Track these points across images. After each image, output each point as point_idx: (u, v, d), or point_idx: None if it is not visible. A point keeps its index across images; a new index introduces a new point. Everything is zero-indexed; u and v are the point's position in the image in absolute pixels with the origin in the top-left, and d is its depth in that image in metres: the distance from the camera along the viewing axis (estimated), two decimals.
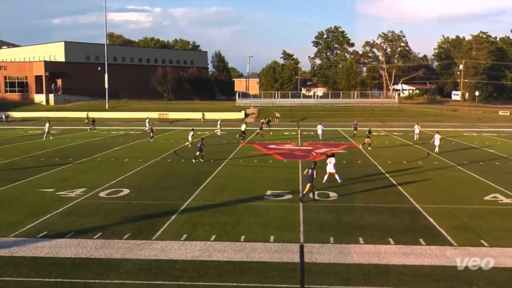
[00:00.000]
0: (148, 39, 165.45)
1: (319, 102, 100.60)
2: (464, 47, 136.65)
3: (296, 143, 44.66)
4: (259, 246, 14.71)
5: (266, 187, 23.58)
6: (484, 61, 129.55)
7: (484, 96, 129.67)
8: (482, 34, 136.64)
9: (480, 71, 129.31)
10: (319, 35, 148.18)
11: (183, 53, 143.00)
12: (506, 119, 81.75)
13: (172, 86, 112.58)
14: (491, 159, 34.01)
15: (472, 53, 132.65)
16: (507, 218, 17.93)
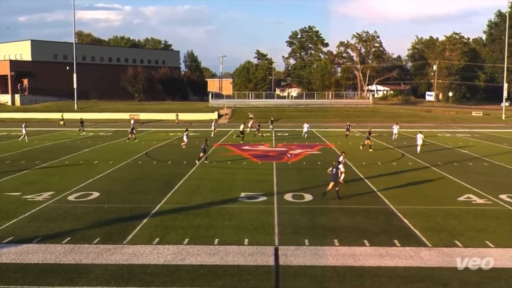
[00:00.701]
0: (118, 38, 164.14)
1: (294, 103, 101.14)
2: (438, 47, 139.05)
3: (270, 144, 44.76)
4: (233, 249, 14.69)
5: (240, 189, 23.57)
6: (457, 61, 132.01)
7: (458, 97, 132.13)
8: (455, 35, 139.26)
9: (453, 71, 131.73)
10: (293, 35, 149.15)
11: (154, 53, 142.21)
12: (479, 120, 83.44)
13: (143, 86, 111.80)
14: (464, 159, 34.65)
15: (445, 53, 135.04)
16: (481, 219, 18.29)
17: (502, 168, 30.88)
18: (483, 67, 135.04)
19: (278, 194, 22.31)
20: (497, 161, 33.76)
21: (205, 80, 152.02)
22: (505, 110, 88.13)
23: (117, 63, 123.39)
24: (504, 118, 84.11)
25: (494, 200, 21.32)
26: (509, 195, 22.17)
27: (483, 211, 19.52)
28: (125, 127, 64.31)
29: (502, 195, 22.15)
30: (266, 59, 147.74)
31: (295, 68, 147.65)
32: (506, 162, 32.94)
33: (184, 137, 40.75)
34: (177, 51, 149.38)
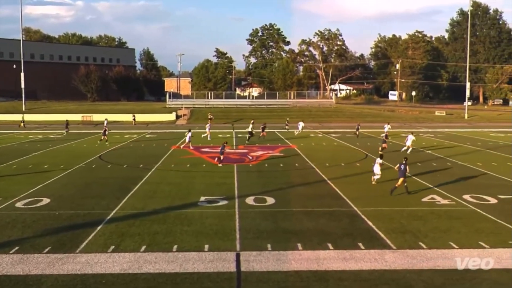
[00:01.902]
0: (69, 35, 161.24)
1: (255, 103, 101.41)
2: (401, 46, 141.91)
3: (231, 146, 44.72)
4: (192, 256, 14.62)
5: (199, 193, 23.47)
6: (420, 60, 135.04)
7: (421, 96, 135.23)
8: (418, 33, 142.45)
9: (416, 70, 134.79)
10: (253, 32, 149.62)
11: (108, 50, 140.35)
12: (442, 119, 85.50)
13: (97, 86, 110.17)
14: (428, 160, 35.44)
15: (408, 52, 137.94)
16: (445, 219, 18.74)
17: (465, 168, 31.71)
18: (446, 66, 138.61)
19: (239, 198, 22.32)
20: (460, 161, 34.66)
21: (162, 79, 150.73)
22: (468, 110, 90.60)
23: (68, 61, 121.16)
24: (467, 118, 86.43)
25: (457, 201, 21.88)
26: (472, 195, 22.80)
27: (447, 211, 20.01)
28: (77, 129, 63.25)
29: (466, 195, 22.75)
30: (226, 58, 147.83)
31: (256, 67, 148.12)
32: (469, 162, 33.85)
33: (187, 138, 41.13)
34: (132, 49, 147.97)
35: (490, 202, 21.64)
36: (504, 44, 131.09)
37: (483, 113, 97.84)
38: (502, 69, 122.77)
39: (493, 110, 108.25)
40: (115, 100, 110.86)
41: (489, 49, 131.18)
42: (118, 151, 41.04)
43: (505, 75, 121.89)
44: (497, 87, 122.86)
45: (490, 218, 18.90)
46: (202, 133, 53.22)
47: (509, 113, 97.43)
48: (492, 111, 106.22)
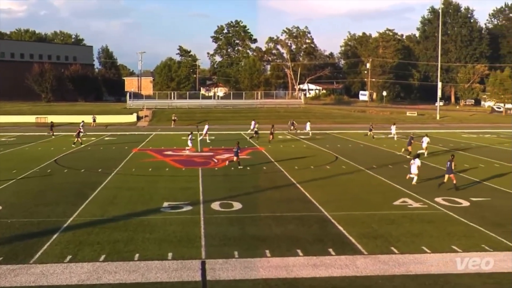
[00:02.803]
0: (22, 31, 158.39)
1: (220, 103, 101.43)
2: (371, 44, 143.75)
3: (195, 148, 44.56)
4: (155, 265, 14.50)
5: (162, 198, 23.32)
6: (391, 59, 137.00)
7: (392, 96, 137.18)
8: (389, 32, 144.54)
9: (387, 70, 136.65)
10: (218, 29, 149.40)
11: (64, 48, 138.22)
12: (413, 120, 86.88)
13: (52, 85, 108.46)
14: (399, 162, 35.95)
15: (379, 51, 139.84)
16: (417, 223, 19.04)
17: (437, 170, 32.25)
18: (417, 65, 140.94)
19: (204, 203, 22.25)
20: (432, 163, 35.26)
21: (122, 78, 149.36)
22: (440, 110, 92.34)
23: (20, 59, 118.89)
24: (438, 118, 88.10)
25: (429, 204, 22.25)
26: (444, 198, 23.23)
27: (419, 215, 20.33)
28: (31, 131, 62.11)
29: (438, 198, 23.16)
30: (189, 56, 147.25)
31: (221, 65, 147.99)
32: (441, 164, 34.41)
33: (189, 142, 40.85)
34: (90, 47, 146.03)
35: (462, 205, 22.07)
36: (476, 43, 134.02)
37: (455, 113, 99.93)
38: (474, 68, 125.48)
39: (465, 111, 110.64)
40: (72, 100, 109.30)
41: (460, 48, 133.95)
42: (75, 154, 40.45)
43: (477, 74, 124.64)
44: (468, 87, 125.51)
45: (463, 221, 19.28)
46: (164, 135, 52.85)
47: (481, 114, 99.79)
48: (464, 111, 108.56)
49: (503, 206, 22.06)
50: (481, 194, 24.36)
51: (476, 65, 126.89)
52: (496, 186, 26.67)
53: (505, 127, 72.59)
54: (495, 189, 26.04)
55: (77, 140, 46.34)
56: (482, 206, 21.98)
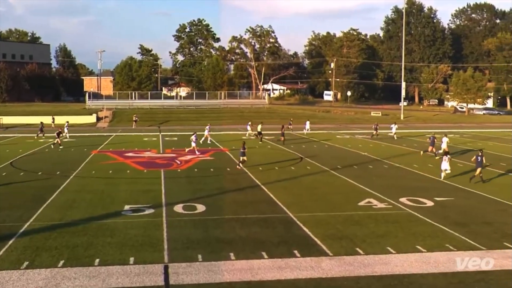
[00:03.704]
0: None
1: (183, 104, 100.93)
2: (335, 44, 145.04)
3: (157, 150, 44.27)
4: (116, 270, 14.35)
5: (123, 201, 23.09)
6: (355, 59, 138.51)
7: (356, 97, 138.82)
8: (353, 31, 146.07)
9: (351, 70, 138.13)
10: (181, 28, 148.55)
11: (19, 46, 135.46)
12: (378, 120, 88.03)
13: (7, 85, 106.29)
14: (364, 162, 36.40)
15: (343, 51, 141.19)
16: (382, 224, 19.31)
17: (401, 170, 32.83)
18: (381, 65, 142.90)
19: (167, 206, 22.12)
20: (396, 163, 35.82)
21: (81, 78, 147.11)
22: (404, 110, 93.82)
23: None
24: (402, 118, 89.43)
25: (394, 204, 22.60)
26: (409, 198, 23.62)
27: (384, 215, 20.62)
28: None
29: (402, 199, 23.54)
30: (151, 55, 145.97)
31: (183, 65, 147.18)
32: (405, 164, 35.04)
33: (192, 143, 40.40)
34: (47, 45, 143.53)
35: (426, 205, 22.48)
36: (439, 43, 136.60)
37: (419, 113, 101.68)
38: (437, 68, 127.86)
39: (428, 111, 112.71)
40: (28, 100, 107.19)
41: (424, 48, 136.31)
42: (32, 156, 39.71)
43: (440, 74, 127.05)
44: (432, 87, 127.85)
45: (427, 221, 19.64)
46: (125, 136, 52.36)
47: (445, 114, 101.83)
48: (427, 111, 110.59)
49: (466, 205, 22.56)
50: (445, 194, 24.85)
51: (439, 65, 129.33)
52: (459, 185, 27.23)
53: (468, 127, 74.30)
54: (458, 188, 26.60)
55: (56, 141, 45.75)
56: (445, 206, 22.42)
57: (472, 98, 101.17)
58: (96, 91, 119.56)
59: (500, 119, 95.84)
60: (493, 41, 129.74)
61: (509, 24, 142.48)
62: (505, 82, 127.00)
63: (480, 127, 74.09)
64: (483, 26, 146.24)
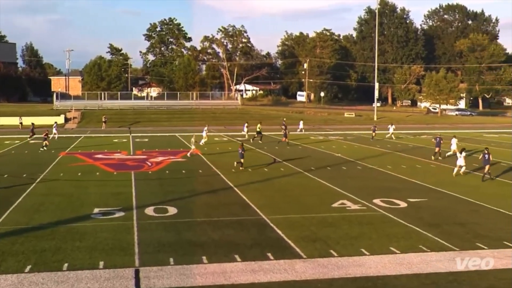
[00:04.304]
0: None
1: (154, 104, 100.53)
2: (308, 44, 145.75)
3: (127, 151, 43.95)
4: (86, 275, 14.19)
5: (93, 204, 22.87)
6: (328, 60, 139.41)
7: (330, 97, 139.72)
8: (326, 31, 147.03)
9: (325, 70, 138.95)
10: (151, 27, 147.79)
11: None
12: (351, 121, 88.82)
13: None
14: (338, 163, 36.65)
15: (316, 51, 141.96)
16: (355, 225, 19.46)
17: (375, 171, 33.13)
18: (355, 66, 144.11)
19: (137, 208, 21.97)
20: (370, 164, 36.15)
21: (49, 78, 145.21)
22: (377, 111, 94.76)
23: None
24: (376, 119, 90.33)
25: (368, 205, 22.79)
26: (382, 199, 23.85)
27: (358, 217, 20.78)
28: None
29: (376, 200, 23.75)
30: (121, 55, 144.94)
31: (154, 65, 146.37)
32: (379, 165, 35.38)
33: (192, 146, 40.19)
34: (13, 44, 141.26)
35: (400, 206, 22.72)
36: (412, 44, 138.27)
37: (392, 114, 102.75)
38: (410, 69, 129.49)
39: (401, 111, 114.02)
40: None
41: (396, 49, 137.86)
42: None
43: (413, 75, 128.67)
44: (405, 88, 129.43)
45: (401, 223, 19.85)
46: (94, 138, 51.86)
47: (418, 115, 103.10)
48: (400, 112, 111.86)
49: (439, 206, 22.86)
50: (418, 195, 25.15)
51: (412, 66, 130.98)
52: (432, 186, 27.60)
53: (441, 128, 75.39)
54: (431, 189, 26.95)
55: (45, 143, 45.33)
56: (419, 206, 22.69)
57: (445, 99, 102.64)
58: (64, 91, 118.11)
59: (472, 120, 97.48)
60: (465, 42, 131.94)
61: (480, 25, 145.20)
62: (477, 83, 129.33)
63: (453, 128, 75.19)
64: (455, 27, 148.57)
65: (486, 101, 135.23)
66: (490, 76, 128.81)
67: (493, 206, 22.77)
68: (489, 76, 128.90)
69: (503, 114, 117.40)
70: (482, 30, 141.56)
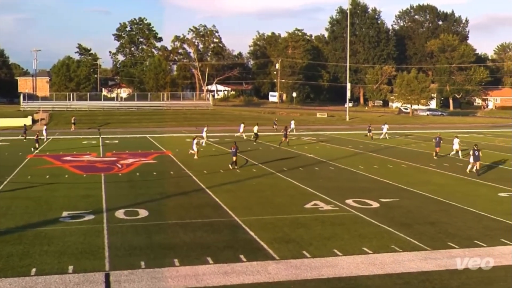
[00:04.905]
0: None
1: (124, 105, 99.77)
2: (280, 44, 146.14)
3: (97, 153, 43.54)
4: (55, 280, 14.02)
5: (61, 207, 22.60)
6: (300, 60, 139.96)
7: (302, 98, 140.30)
8: (298, 32, 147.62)
9: (297, 70, 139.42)
10: (121, 27, 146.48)
11: None
12: (324, 122, 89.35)
13: None
14: (310, 164, 36.85)
15: (288, 51, 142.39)
16: (328, 226, 19.58)
17: (347, 172, 33.40)
18: (327, 66, 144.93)
19: (107, 211, 21.79)
20: (342, 164, 36.42)
21: (15, 78, 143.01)
22: (349, 111, 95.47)
23: None
24: (348, 120, 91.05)
25: (340, 206, 22.96)
26: (355, 200, 24.05)
27: (330, 217, 20.92)
28: None
29: (348, 200, 23.94)
30: (90, 55, 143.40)
31: (124, 65, 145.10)
32: (351, 166, 35.66)
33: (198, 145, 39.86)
34: None
35: (372, 206, 22.94)
36: (383, 44, 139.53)
37: (364, 114, 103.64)
38: (382, 69, 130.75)
39: (373, 112, 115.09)
40: None
41: (368, 49, 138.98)
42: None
43: (384, 75, 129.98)
44: (377, 88, 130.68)
45: (373, 223, 20.04)
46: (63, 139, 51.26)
47: (389, 115, 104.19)
48: (372, 112, 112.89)
49: (410, 206, 23.15)
50: (390, 195, 25.42)
51: (383, 66, 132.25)
52: (404, 186, 27.92)
53: (412, 128, 76.32)
54: (402, 189, 27.27)
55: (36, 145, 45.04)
56: (391, 206, 22.94)
57: (416, 99, 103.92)
58: (32, 92, 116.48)
59: (443, 120, 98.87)
60: (436, 42, 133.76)
61: (451, 26, 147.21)
62: (447, 83, 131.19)
63: (424, 128, 76.27)
64: (426, 27, 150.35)
65: (457, 101, 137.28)
66: (460, 77, 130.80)
67: (463, 205, 23.16)
68: (459, 77, 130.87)
69: (473, 114, 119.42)
70: (452, 30, 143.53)
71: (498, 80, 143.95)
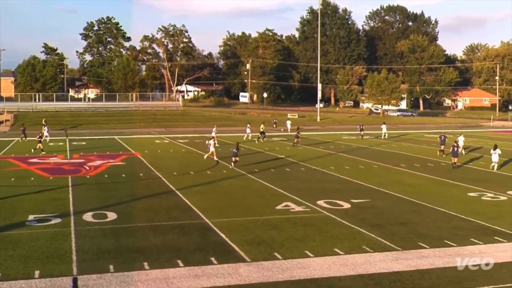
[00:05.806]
0: None
1: (91, 106, 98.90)
2: (251, 45, 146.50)
3: (64, 155, 43.00)
4: (20, 285, 13.79)
5: (27, 211, 22.23)
6: (271, 60, 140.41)
7: (273, 98, 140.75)
8: (268, 32, 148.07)
9: (267, 71, 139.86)
10: (88, 26, 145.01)
11: None
12: (295, 122, 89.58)
13: None
14: (281, 165, 36.95)
15: (258, 51, 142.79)
16: (300, 227, 19.65)
17: (318, 173, 33.58)
18: (297, 67, 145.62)
19: (75, 214, 21.52)
20: (313, 165, 36.61)
21: None
22: (320, 112, 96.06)
23: None
24: (319, 120, 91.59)
25: (312, 207, 23.06)
26: (326, 201, 24.18)
27: (302, 219, 21.00)
28: None
29: (320, 201, 24.06)
30: (56, 54, 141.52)
31: (92, 65, 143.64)
32: (322, 166, 35.88)
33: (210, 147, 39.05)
34: None
35: (343, 207, 23.10)
36: (354, 45, 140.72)
37: (335, 115, 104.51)
38: (352, 70, 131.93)
39: (344, 112, 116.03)
40: None
41: (339, 50, 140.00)
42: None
43: (355, 76, 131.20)
44: (347, 89, 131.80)
45: (344, 224, 20.18)
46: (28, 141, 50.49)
47: (360, 115, 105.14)
48: (343, 113, 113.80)
49: (381, 206, 23.38)
50: (361, 196, 25.63)
51: (354, 67, 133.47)
52: (375, 187, 28.18)
53: None
54: (374, 190, 27.52)
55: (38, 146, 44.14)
56: (362, 207, 23.13)
57: (386, 99, 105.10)
58: None
59: (413, 120, 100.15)
60: (406, 43, 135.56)
61: (420, 27, 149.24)
62: (417, 83, 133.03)
63: (394, 128, 77.07)
64: (396, 28, 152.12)
65: (427, 102, 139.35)
66: (430, 77, 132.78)
67: (434, 205, 23.47)
68: (429, 77, 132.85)
69: (443, 114, 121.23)
70: (422, 31, 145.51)
71: (467, 81, 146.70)
